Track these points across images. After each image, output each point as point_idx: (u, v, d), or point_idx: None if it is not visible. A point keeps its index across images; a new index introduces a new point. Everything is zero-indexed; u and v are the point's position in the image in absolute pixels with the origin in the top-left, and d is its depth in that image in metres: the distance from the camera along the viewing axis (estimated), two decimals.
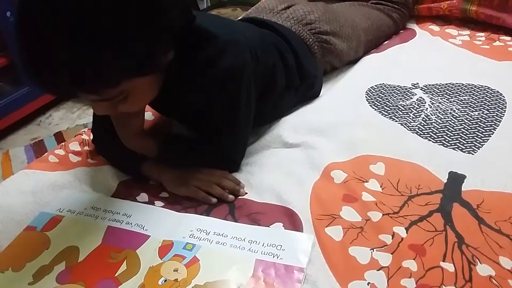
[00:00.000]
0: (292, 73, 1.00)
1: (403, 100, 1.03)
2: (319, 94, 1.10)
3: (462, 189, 0.77)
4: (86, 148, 0.97)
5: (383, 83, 1.10)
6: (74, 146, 0.97)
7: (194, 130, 0.97)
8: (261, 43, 0.89)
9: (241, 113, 0.85)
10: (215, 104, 0.83)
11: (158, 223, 0.75)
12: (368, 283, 0.63)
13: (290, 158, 0.89)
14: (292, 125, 0.98)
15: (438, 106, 1.00)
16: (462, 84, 1.07)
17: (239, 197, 0.82)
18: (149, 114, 1.05)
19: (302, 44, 1.07)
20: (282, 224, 0.74)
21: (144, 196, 0.84)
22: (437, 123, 0.94)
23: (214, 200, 0.81)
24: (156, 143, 0.87)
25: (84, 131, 1.03)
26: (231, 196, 0.81)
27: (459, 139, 0.89)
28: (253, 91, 0.85)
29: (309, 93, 1.08)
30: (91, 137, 0.97)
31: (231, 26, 0.89)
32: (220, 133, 0.85)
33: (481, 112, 0.96)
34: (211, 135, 0.86)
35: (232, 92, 0.81)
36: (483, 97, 1.01)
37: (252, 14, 1.19)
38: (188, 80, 0.81)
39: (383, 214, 0.74)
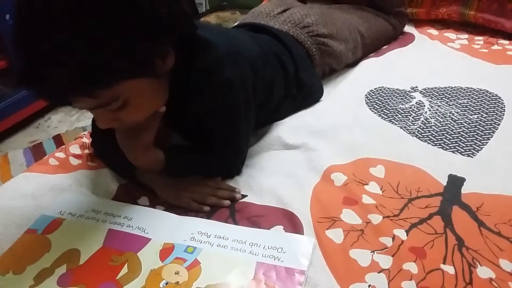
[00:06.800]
0: (290, 81, 1.00)
1: (403, 104, 1.03)
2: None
3: (462, 192, 0.78)
4: (87, 151, 0.97)
5: (383, 87, 1.11)
6: (75, 149, 0.97)
7: (192, 140, 0.94)
8: (261, 54, 0.89)
9: (241, 124, 0.85)
10: (214, 115, 0.82)
11: (159, 226, 0.75)
12: (369, 286, 0.63)
13: (290, 160, 0.89)
14: (292, 126, 0.98)
15: (437, 109, 1.00)
16: (461, 88, 1.07)
17: (240, 200, 0.82)
18: None
19: (300, 49, 1.07)
20: (282, 227, 0.74)
21: (144, 199, 0.84)
22: (437, 126, 0.95)
23: (207, 208, 0.80)
24: (163, 157, 0.82)
25: (84, 134, 1.03)
26: (226, 201, 0.81)
27: (458, 142, 0.89)
28: (253, 102, 0.85)
29: (307, 103, 1.07)
30: (91, 140, 0.97)
31: (232, 37, 0.87)
32: (221, 143, 0.85)
33: (480, 115, 0.97)
34: (212, 145, 0.85)
35: (230, 103, 0.80)
36: (482, 101, 1.01)
37: (249, 19, 1.19)
38: (186, 89, 0.79)
39: (383, 217, 0.74)
